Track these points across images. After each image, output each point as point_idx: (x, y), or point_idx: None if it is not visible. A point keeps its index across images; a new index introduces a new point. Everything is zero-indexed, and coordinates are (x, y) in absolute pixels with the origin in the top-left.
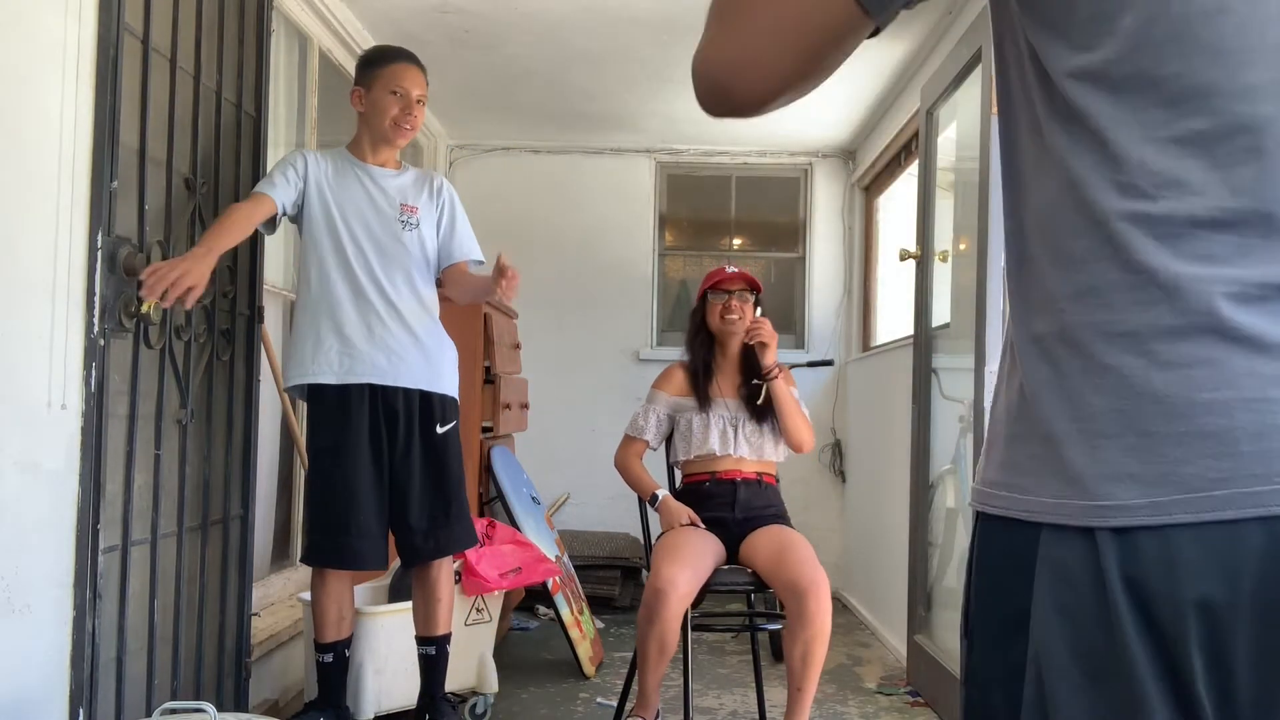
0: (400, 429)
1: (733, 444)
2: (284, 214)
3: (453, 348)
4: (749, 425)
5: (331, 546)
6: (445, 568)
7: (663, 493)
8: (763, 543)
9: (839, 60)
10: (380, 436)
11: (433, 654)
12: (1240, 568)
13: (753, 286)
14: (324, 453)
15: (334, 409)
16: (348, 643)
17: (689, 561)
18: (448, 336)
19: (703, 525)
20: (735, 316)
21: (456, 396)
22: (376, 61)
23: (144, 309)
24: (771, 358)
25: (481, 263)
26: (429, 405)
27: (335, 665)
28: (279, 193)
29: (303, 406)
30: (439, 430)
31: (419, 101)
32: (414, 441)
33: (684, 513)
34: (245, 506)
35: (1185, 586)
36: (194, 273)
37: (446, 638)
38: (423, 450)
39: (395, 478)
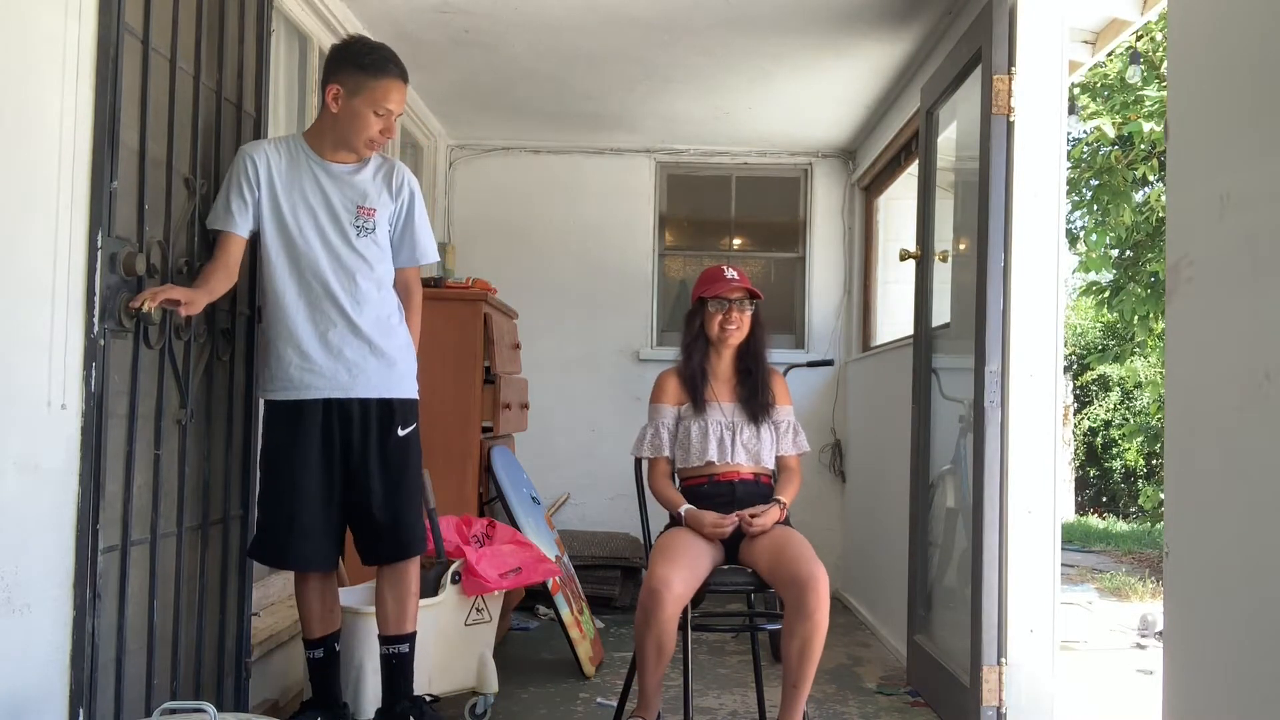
0: (356, 434)
1: (730, 452)
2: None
3: (411, 347)
4: (746, 431)
5: (274, 545)
6: (414, 565)
7: (686, 508)
8: (761, 541)
9: None
10: (333, 442)
11: (404, 652)
12: None
13: (753, 295)
14: (273, 454)
15: (286, 414)
16: (336, 637)
17: (685, 562)
18: (407, 335)
19: (731, 519)
20: (734, 327)
21: (416, 397)
22: (368, 70)
23: (143, 308)
24: (772, 518)
25: (437, 263)
26: (389, 410)
27: (326, 660)
28: (239, 224)
29: None
30: (400, 433)
31: (398, 116)
32: (371, 445)
33: (708, 517)
34: (245, 506)
35: None
36: (187, 294)
37: (415, 635)
38: (382, 454)
39: (354, 481)
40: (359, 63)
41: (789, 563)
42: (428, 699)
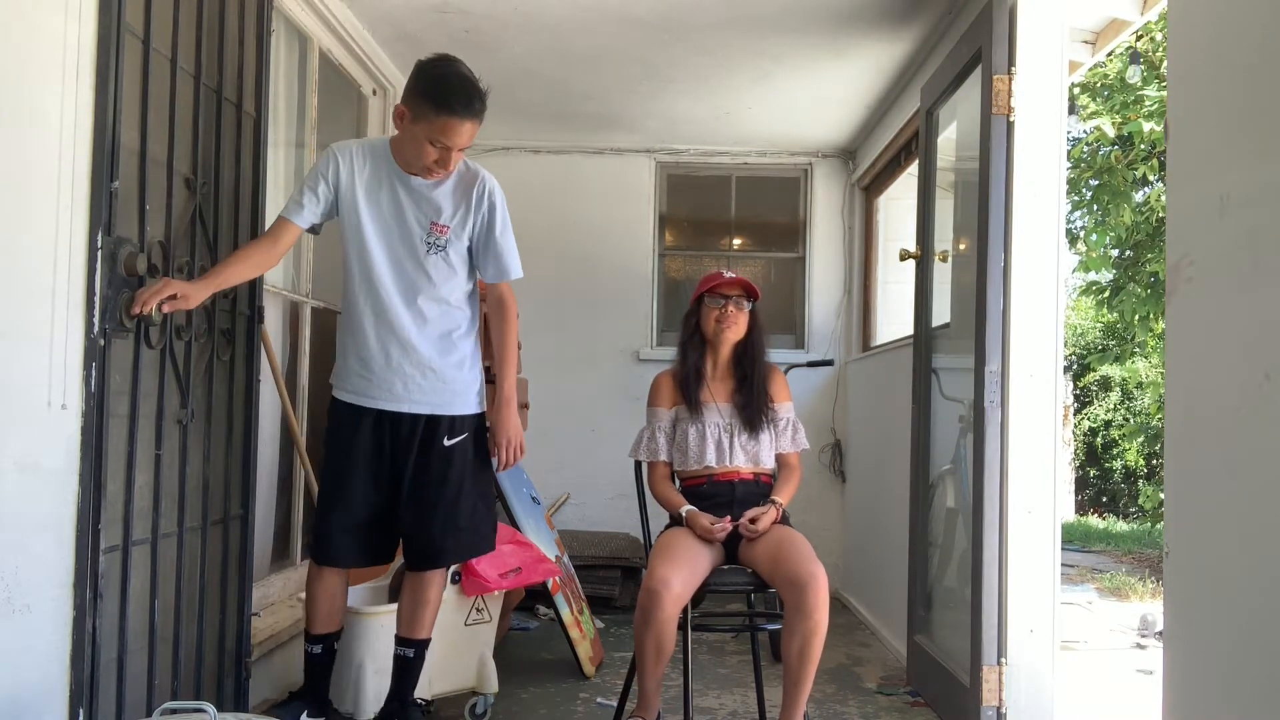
0: (402, 444)
1: (728, 455)
2: (313, 230)
3: (476, 366)
4: (744, 434)
5: (323, 545)
6: (435, 575)
7: (686, 509)
8: (761, 542)
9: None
10: (384, 450)
11: (410, 656)
12: None
13: (750, 292)
14: (331, 451)
15: (346, 416)
16: (337, 636)
17: (684, 562)
18: (472, 349)
19: (724, 524)
20: (731, 322)
21: (475, 412)
22: (435, 102)
23: (143, 311)
24: (769, 520)
25: (520, 278)
26: (435, 424)
27: (324, 658)
28: (305, 215)
29: (303, 407)
30: (445, 443)
31: (461, 149)
32: (411, 456)
33: (705, 519)
34: (245, 506)
35: None
36: (184, 287)
37: (426, 643)
38: (421, 462)
39: (398, 488)
40: (427, 91)
41: (788, 563)
42: (421, 702)
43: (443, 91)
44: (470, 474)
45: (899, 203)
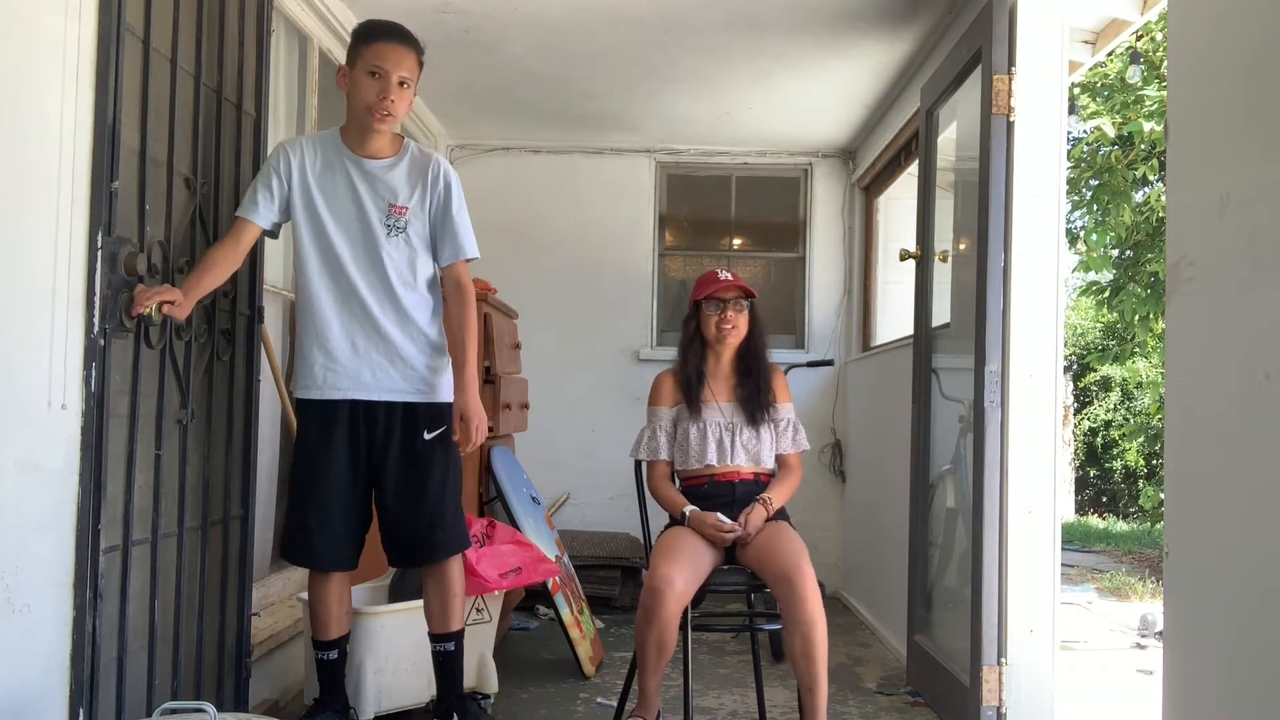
0: (379, 437)
1: (730, 454)
2: (271, 232)
3: (443, 350)
4: (746, 432)
5: (294, 543)
6: (456, 564)
7: (690, 509)
8: (754, 540)
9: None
10: (359, 443)
11: (451, 650)
12: None
13: (747, 294)
14: (301, 452)
15: (316, 413)
16: (348, 638)
17: (686, 560)
18: (440, 336)
19: (728, 522)
20: (731, 326)
21: (448, 401)
22: (360, 37)
23: (144, 312)
24: (759, 518)
25: (475, 258)
26: (413, 415)
27: (340, 662)
28: (261, 214)
29: None
30: (425, 437)
31: (402, 84)
32: (393, 449)
33: (710, 518)
34: (245, 506)
35: None
36: (179, 296)
37: (462, 633)
38: (404, 458)
39: (378, 484)
40: (357, 35)
41: (774, 561)
42: (479, 697)
43: (369, 28)
44: (451, 468)
45: (899, 203)
